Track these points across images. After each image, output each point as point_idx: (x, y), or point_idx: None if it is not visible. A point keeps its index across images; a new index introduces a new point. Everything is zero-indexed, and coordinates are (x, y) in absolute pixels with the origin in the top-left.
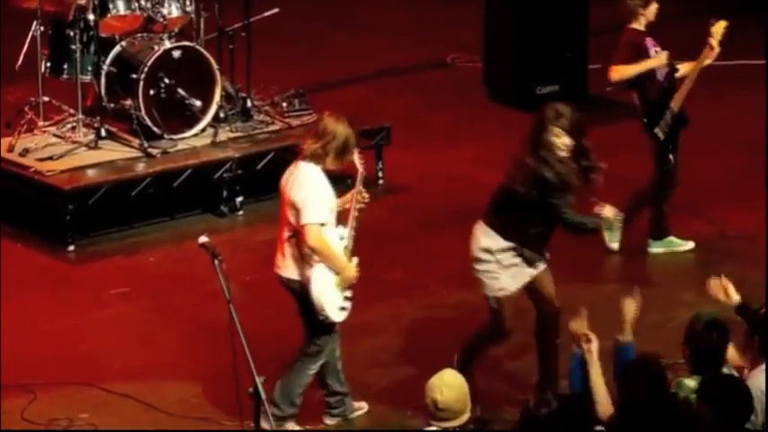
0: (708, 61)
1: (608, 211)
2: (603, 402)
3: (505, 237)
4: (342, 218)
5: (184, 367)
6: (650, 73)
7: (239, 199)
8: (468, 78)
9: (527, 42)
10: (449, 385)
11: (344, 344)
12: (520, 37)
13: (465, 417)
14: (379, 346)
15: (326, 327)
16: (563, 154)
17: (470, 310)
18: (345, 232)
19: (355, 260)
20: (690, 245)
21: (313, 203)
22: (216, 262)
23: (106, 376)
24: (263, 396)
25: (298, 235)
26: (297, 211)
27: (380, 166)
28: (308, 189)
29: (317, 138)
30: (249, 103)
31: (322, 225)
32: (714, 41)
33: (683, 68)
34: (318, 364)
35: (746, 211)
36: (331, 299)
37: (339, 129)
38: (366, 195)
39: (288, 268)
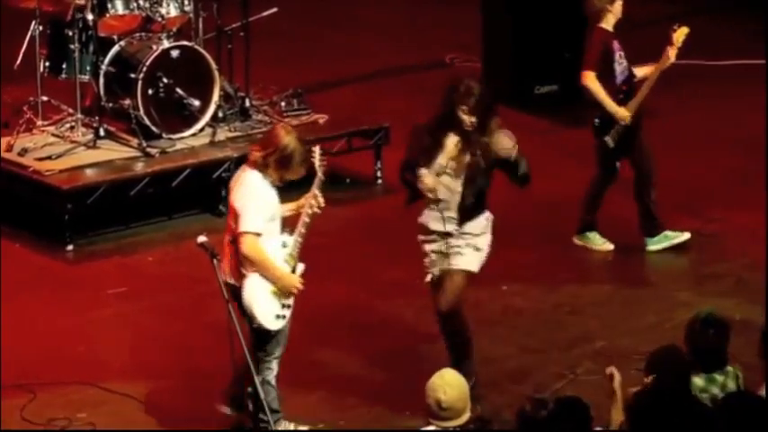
0: (664, 67)
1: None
2: None
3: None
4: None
5: (183, 367)
6: (609, 77)
7: None
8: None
9: (525, 42)
10: (451, 384)
11: (344, 344)
12: (518, 37)
13: (466, 416)
14: (377, 346)
15: (267, 332)
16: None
17: (470, 311)
18: (290, 239)
19: (300, 267)
20: (686, 236)
21: (250, 212)
22: (214, 261)
23: (105, 376)
24: (262, 395)
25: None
26: (237, 217)
27: (379, 165)
28: (248, 197)
29: (262, 147)
30: (248, 103)
31: (258, 235)
32: (673, 50)
33: (640, 72)
34: (274, 365)
35: (745, 211)
36: (264, 307)
37: (284, 142)
38: (322, 201)
39: (227, 272)
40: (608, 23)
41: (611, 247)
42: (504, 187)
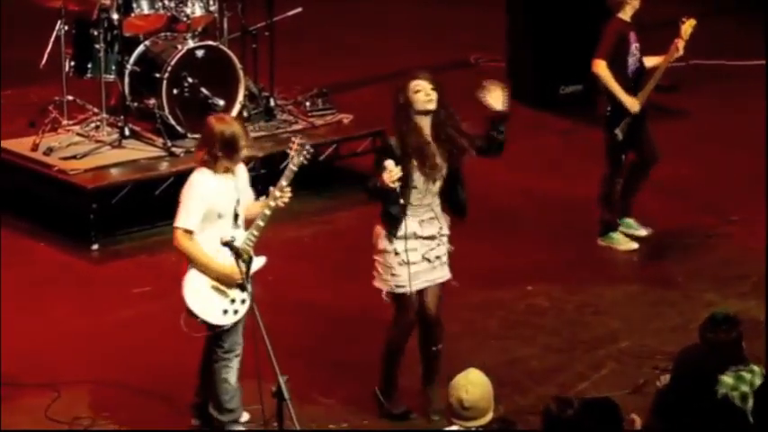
0: (672, 59)
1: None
2: None
3: None
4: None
5: None
6: (622, 67)
7: (263, 198)
8: (491, 78)
9: (549, 42)
10: (474, 383)
11: (369, 344)
12: (542, 37)
13: (489, 416)
14: None
15: (218, 328)
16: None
17: (494, 311)
18: (240, 233)
19: (260, 261)
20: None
21: (182, 209)
22: (239, 261)
23: (129, 375)
24: (287, 395)
25: None
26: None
27: None
28: (185, 194)
29: (203, 144)
30: (272, 103)
31: (188, 231)
32: (681, 42)
33: (649, 62)
34: (234, 363)
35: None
36: (206, 303)
37: (218, 129)
38: (287, 194)
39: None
40: (626, 14)
41: (635, 246)
42: (528, 187)
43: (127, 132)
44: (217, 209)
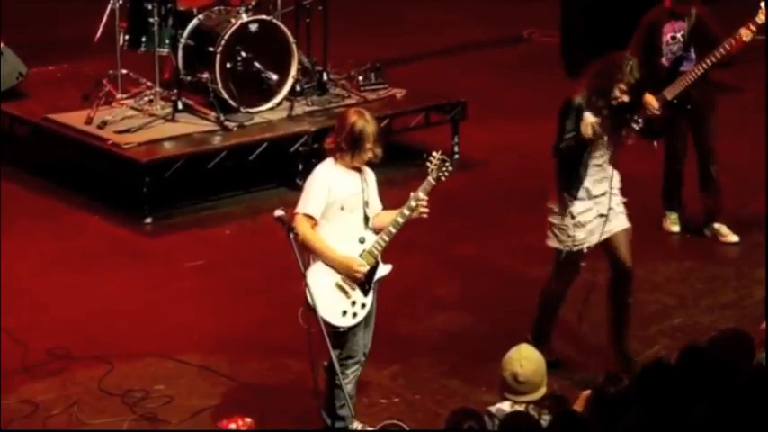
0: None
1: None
2: None
3: None
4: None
5: (259, 340)
6: (654, 56)
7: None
8: (544, 54)
9: (603, 18)
10: (527, 358)
11: (419, 319)
12: (596, 12)
13: (542, 391)
14: (451, 321)
15: (343, 330)
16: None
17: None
18: (373, 236)
19: (385, 268)
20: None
21: (304, 195)
22: (291, 235)
23: (182, 348)
24: (338, 369)
25: None
26: None
27: (456, 140)
28: (308, 181)
29: (333, 133)
30: (325, 77)
31: (310, 217)
32: (730, 43)
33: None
34: (350, 370)
35: None
36: (327, 300)
37: (350, 121)
38: (424, 206)
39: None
40: (670, 3)
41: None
42: None
43: (180, 106)
44: (339, 200)
